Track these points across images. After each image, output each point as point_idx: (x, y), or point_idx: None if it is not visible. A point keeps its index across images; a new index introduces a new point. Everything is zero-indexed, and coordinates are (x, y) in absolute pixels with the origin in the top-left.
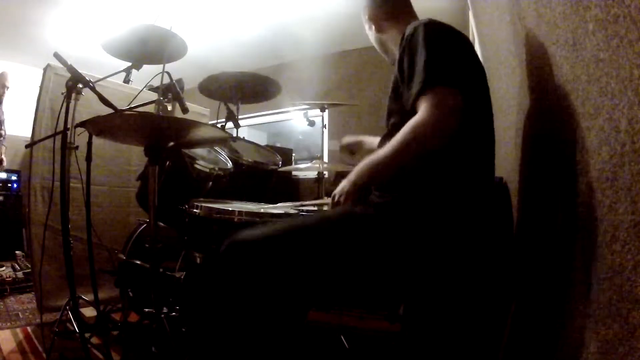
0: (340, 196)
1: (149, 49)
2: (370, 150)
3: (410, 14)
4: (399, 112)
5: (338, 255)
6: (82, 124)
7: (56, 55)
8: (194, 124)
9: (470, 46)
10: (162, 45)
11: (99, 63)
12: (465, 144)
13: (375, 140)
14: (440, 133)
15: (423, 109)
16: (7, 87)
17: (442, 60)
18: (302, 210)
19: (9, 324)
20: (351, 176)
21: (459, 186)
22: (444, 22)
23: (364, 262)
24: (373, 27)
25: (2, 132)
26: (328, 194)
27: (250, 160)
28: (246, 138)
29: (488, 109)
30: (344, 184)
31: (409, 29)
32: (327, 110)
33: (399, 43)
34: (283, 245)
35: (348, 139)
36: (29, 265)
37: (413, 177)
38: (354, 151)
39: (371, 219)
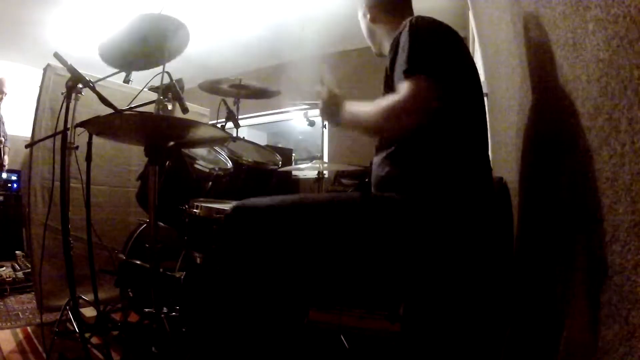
0: (325, 98)
1: (148, 48)
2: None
3: (407, 11)
4: None
5: (338, 238)
6: (82, 124)
7: (56, 55)
8: (194, 124)
9: (456, 40)
10: (163, 38)
11: (99, 63)
12: (454, 136)
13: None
14: (410, 113)
15: (401, 90)
16: (5, 94)
17: (423, 52)
18: None
19: (9, 324)
20: (340, 103)
21: (457, 185)
22: (444, 22)
23: (364, 258)
24: (368, 15)
25: (2, 135)
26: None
27: (250, 160)
28: (246, 138)
29: (476, 101)
30: (332, 98)
31: (401, 26)
32: None
33: (391, 38)
34: (288, 216)
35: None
36: (29, 265)
37: (412, 177)
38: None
39: (371, 221)
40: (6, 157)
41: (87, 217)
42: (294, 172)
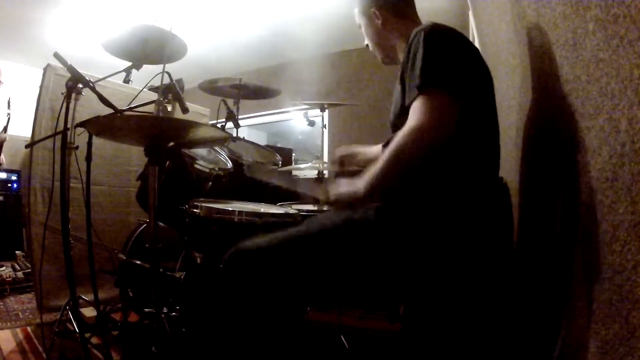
0: (338, 199)
1: (149, 49)
2: (367, 160)
3: (414, 13)
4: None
5: (339, 261)
6: (82, 124)
7: (56, 55)
8: (194, 124)
9: (474, 50)
10: (162, 45)
11: (99, 63)
12: (466, 147)
13: (370, 149)
14: (430, 139)
15: (413, 115)
16: (1, 83)
17: (437, 65)
18: (302, 211)
19: (9, 324)
20: (354, 185)
21: (459, 188)
22: (444, 22)
23: (365, 264)
24: (379, 20)
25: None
26: None
27: (250, 160)
28: (246, 138)
29: (492, 113)
30: (345, 191)
31: (413, 33)
32: (327, 110)
33: (402, 45)
34: (284, 254)
35: (340, 150)
36: (29, 265)
37: (414, 178)
38: (344, 163)
39: (372, 220)
40: (2, 156)
41: (87, 217)
42: (294, 172)
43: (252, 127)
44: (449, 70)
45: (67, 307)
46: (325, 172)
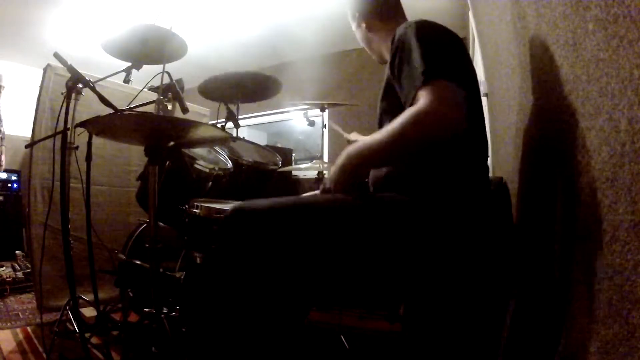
0: (330, 183)
1: (149, 49)
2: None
3: (400, 14)
4: (392, 112)
5: (339, 238)
6: (82, 124)
7: (56, 55)
8: (194, 124)
9: (461, 44)
10: (162, 45)
11: (99, 63)
12: (464, 141)
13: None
14: (443, 123)
15: (425, 98)
16: (3, 87)
17: (438, 55)
18: None
19: (9, 324)
20: (340, 160)
21: (458, 185)
22: (444, 22)
23: (366, 258)
24: (364, 24)
25: (1, 130)
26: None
27: (250, 160)
28: (246, 138)
29: (478, 107)
30: (333, 171)
31: (400, 29)
32: (327, 110)
33: (389, 43)
34: (287, 217)
35: (354, 136)
36: (29, 265)
37: (414, 175)
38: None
39: (371, 216)
40: (3, 157)
41: (87, 217)
42: (294, 172)
43: (252, 127)
44: (449, 61)
45: (67, 307)
46: (325, 172)
